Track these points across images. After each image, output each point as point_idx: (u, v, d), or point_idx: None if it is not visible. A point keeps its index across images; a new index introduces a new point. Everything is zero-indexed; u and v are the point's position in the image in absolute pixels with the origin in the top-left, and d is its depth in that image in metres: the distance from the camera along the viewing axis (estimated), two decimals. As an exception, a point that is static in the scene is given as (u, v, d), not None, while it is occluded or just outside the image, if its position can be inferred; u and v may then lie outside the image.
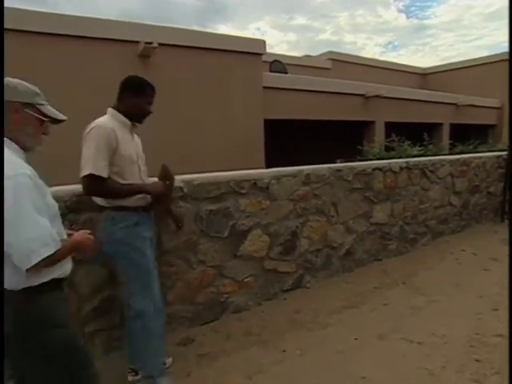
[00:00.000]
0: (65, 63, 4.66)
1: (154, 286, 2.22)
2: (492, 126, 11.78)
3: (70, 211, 2.34)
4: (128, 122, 2.20)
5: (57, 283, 1.42)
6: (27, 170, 1.33)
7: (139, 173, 2.23)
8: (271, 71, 7.73)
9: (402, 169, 4.36)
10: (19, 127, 1.39)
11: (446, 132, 9.95)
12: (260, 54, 5.91)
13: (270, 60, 8.41)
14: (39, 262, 1.25)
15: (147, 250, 2.18)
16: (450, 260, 4.48)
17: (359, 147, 6.25)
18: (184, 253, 2.81)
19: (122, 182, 2.10)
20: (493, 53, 12.22)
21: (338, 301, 3.43)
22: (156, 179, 2.27)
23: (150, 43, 4.58)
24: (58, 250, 1.32)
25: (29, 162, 1.42)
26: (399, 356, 2.61)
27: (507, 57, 11.51)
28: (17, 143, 1.39)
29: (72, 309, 2.39)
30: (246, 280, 3.18)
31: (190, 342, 2.74)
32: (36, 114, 1.43)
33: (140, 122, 2.29)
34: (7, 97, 1.35)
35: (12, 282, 1.29)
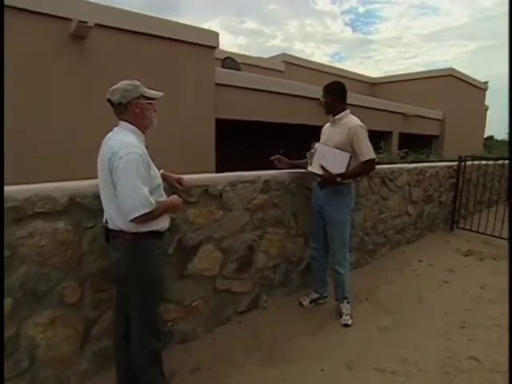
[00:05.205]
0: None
1: (313, 229, 3.31)
2: (435, 137, 12.30)
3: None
4: (330, 118, 3.10)
5: (157, 234, 1.92)
6: (138, 149, 1.80)
7: None
8: (224, 68, 7.28)
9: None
10: (140, 115, 1.91)
11: (395, 140, 10.15)
12: (213, 48, 5.43)
13: (222, 58, 7.98)
14: (138, 216, 1.74)
15: (314, 208, 3.21)
16: (409, 272, 4.32)
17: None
18: (117, 275, 2.26)
19: None
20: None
21: (299, 322, 3.06)
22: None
23: (85, 22, 3.91)
24: (154, 210, 1.79)
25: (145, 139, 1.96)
26: (373, 391, 2.28)
27: (448, 72, 12.17)
28: (139, 127, 1.93)
29: None
30: (194, 304, 2.69)
31: None
32: (146, 101, 1.93)
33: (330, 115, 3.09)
34: (127, 98, 1.86)
35: (126, 225, 1.81)
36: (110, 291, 2.21)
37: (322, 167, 2.91)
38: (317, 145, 3.06)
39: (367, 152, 2.88)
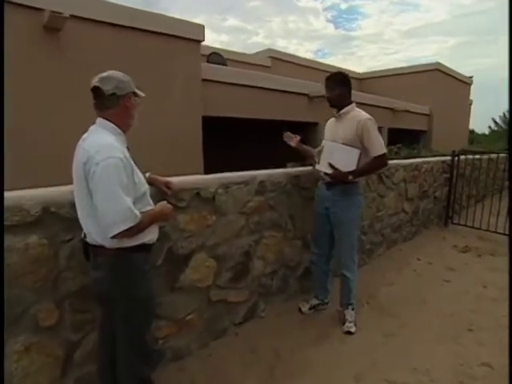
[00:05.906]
0: None
1: (315, 233, 3.10)
2: (423, 132, 12.25)
3: None
4: (335, 112, 2.86)
5: (145, 247, 1.68)
6: (119, 153, 1.54)
7: None
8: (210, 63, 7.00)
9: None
10: (130, 111, 1.70)
11: (384, 136, 10.04)
12: (199, 41, 5.16)
13: (208, 54, 7.70)
14: (120, 232, 1.50)
15: (319, 211, 2.96)
16: (408, 271, 4.17)
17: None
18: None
19: None
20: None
21: (300, 331, 2.87)
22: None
23: (60, 13, 3.60)
24: (140, 223, 1.56)
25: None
26: (385, 408, 2.11)
27: (434, 67, 12.12)
28: (120, 127, 1.68)
29: None
30: (187, 318, 2.46)
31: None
32: (136, 98, 1.73)
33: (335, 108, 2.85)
34: (122, 90, 1.64)
35: (107, 241, 1.57)
36: (92, 311, 1.98)
37: (331, 165, 2.72)
38: (324, 142, 2.87)
39: (378, 146, 2.68)
